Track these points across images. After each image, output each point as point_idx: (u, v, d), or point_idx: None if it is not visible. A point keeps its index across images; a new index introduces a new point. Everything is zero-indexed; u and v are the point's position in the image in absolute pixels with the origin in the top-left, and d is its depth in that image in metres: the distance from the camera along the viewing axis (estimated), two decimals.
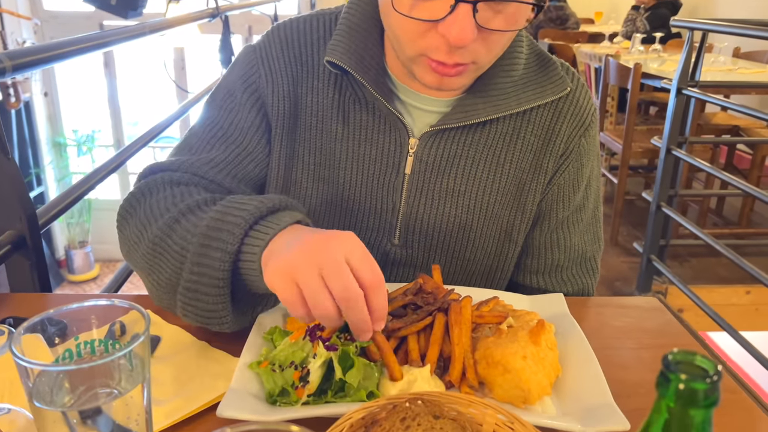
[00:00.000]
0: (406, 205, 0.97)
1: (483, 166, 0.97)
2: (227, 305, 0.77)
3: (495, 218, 0.99)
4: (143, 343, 0.53)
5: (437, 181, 0.97)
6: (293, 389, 0.72)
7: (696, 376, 0.39)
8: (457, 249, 1.00)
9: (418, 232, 0.98)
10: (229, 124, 0.96)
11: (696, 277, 3.27)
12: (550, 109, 0.97)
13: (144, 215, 0.86)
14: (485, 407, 0.63)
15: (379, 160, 0.96)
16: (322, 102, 0.96)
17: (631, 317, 0.99)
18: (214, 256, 0.75)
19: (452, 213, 0.98)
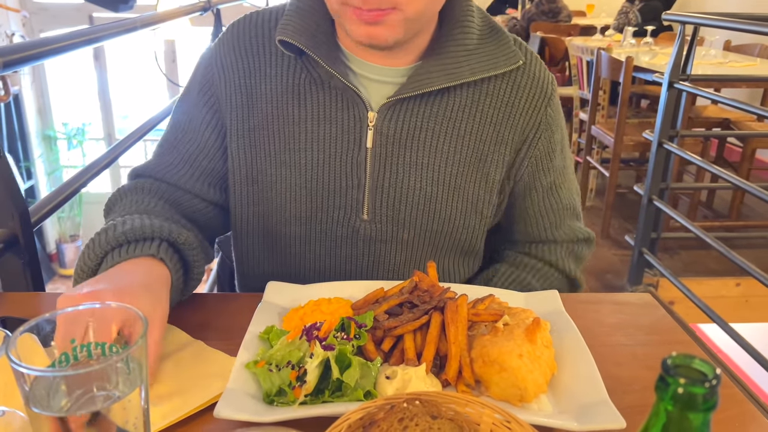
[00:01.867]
0: (371, 180, 0.98)
1: (444, 138, 0.98)
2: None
3: (459, 189, 1.00)
4: (141, 346, 0.53)
5: (399, 153, 0.97)
6: (290, 389, 0.72)
7: (695, 381, 0.40)
8: (425, 222, 1.01)
9: (385, 206, 0.99)
10: (187, 125, 1.03)
11: (687, 270, 3.29)
12: (507, 82, 0.99)
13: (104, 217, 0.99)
14: (482, 407, 0.63)
15: (340, 138, 0.97)
16: (276, 88, 0.98)
17: (625, 314, 1.00)
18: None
19: (417, 185, 0.98)
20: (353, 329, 0.78)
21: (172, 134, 1.05)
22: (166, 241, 0.88)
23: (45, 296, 1.05)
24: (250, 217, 1.04)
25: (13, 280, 1.11)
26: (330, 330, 0.77)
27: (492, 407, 0.63)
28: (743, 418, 0.76)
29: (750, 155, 3.60)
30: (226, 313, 0.95)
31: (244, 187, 1.02)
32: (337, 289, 0.95)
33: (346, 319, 0.79)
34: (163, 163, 1.03)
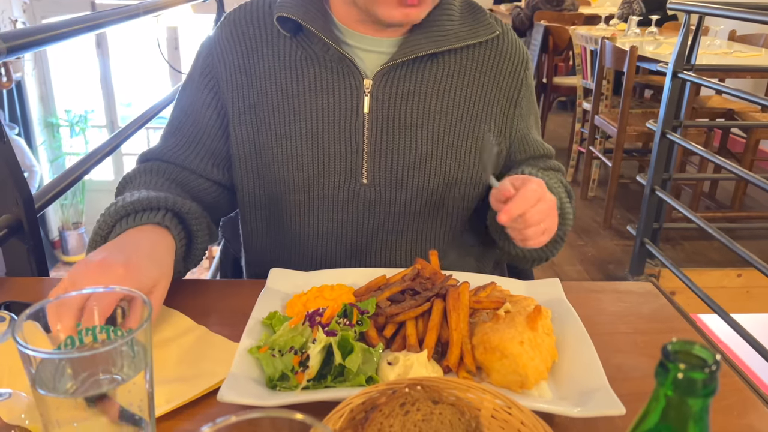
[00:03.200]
0: (369, 144, 1.03)
1: (435, 100, 1.05)
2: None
3: (452, 147, 1.06)
4: (145, 330, 0.53)
5: (395, 117, 1.03)
6: (293, 374, 0.73)
7: (695, 366, 0.40)
8: (422, 180, 1.06)
9: (383, 168, 1.05)
10: (189, 108, 1.08)
11: (688, 260, 3.29)
12: (489, 49, 1.08)
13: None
14: (483, 392, 0.64)
15: (338, 106, 1.02)
16: (274, 66, 1.04)
17: (626, 302, 1.00)
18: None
19: (412, 145, 1.04)
20: (356, 315, 0.78)
21: (177, 118, 1.10)
22: (171, 211, 0.94)
23: (49, 281, 1.05)
24: (255, 190, 1.09)
25: (18, 265, 1.12)
26: (332, 316, 0.77)
27: (493, 393, 0.64)
28: (743, 406, 0.77)
29: (754, 146, 3.59)
30: (229, 300, 0.96)
31: (248, 162, 1.07)
32: (339, 276, 0.96)
33: (348, 305, 0.79)
34: (169, 145, 1.09)
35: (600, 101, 4.00)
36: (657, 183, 2.80)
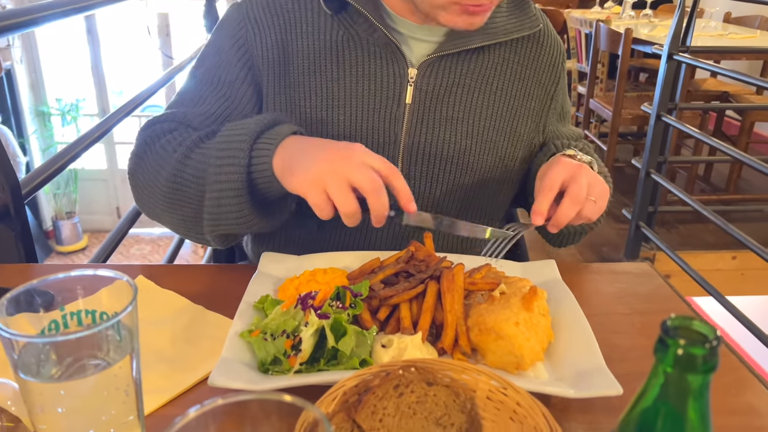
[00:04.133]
0: (408, 136, 1.00)
1: (477, 94, 1.02)
2: (251, 210, 0.86)
3: (490, 143, 1.03)
4: (131, 313, 0.52)
5: (436, 109, 1.00)
6: (285, 358, 0.71)
7: (695, 342, 0.39)
8: (457, 176, 1.03)
9: (420, 161, 1.01)
10: (218, 80, 1.00)
11: (683, 244, 3.29)
12: (532, 42, 1.06)
13: (153, 160, 0.93)
14: (478, 373, 0.63)
15: (379, 94, 0.98)
16: (313, 45, 0.98)
17: (622, 283, 1.00)
18: (229, 171, 0.84)
19: (451, 139, 1.01)
20: (349, 298, 0.77)
21: (200, 89, 1.01)
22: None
23: (37, 267, 1.04)
24: None
25: (5, 252, 1.10)
26: (325, 299, 0.76)
27: (488, 374, 0.63)
28: (740, 384, 0.76)
29: (749, 129, 3.57)
30: (222, 284, 0.95)
31: None
32: (332, 259, 0.94)
33: (341, 288, 0.78)
34: (196, 113, 0.99)
35: (595, 85, 3.98)
36: (652, 166, 2.79)
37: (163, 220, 0.96)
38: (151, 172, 0.93)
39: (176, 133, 0.95)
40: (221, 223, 0.88)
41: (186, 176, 0.89)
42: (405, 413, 0.60)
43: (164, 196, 0.91)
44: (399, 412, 0.60)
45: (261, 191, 0.87)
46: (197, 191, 0.88)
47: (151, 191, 0.93)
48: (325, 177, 0.78)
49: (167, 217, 0.94)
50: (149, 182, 0.93)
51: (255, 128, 0.85)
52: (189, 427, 0.40)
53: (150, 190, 0.93)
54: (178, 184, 0.89)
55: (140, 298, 0.88)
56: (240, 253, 1.32)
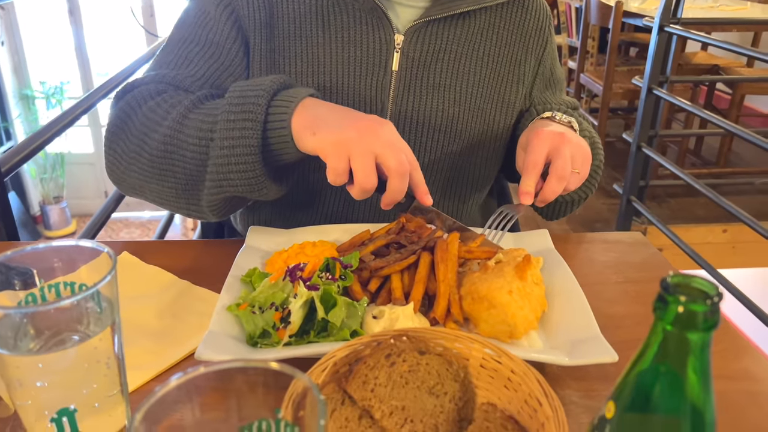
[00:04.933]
0: (395, 104, 0.98)
1: (465, 60, 1.00)
2: (263, 171, 0.81)
3: (478, 110, 1.02)
4: (110, 283, 0.50)
5: (423, 76, 0.98)
6: (274, 330, 0.70)
7: (695, 298, 0.38)
8: (445, 144, 1.01)
9: (407, 129, 0.99)
10: (205, 40, 0.95)
11: (674, 217, 3.29)
12: (518, 7, 1.03)
13: (141, 124, 0.87)
14: (471, 341, 0.61)
15: (365, 60, 0.95)
16: (299, 8, 0.95)
17: (616, 252, 0.98)
18: (244, 126, 0.79)
19: (439, 107, 0.99)
20: (338, 270, 0.75)
21: (185, 49, 0.95)
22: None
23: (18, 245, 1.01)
24: None
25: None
26: (314, 271, 0.74)
27: (482, 342, 0.61)
28: (738, 349, 0.75)
29: (739, 102, 3.56)
30: (209, 260, 0.93)
31: None
32: (322, 232, 0.93)
33: (330, 259, 0.76)
34: (182, 75, 0.93)
35: (585, 59, 3.95)
36: (643, 140, 2.78)
37: (147, 192, 0.89)
38: (137, 138, 0.87)
39: (166, 95, 0.89)
40: (226, 186, 0.82)
41: (183, 138, 0.83)
42: (397, 383, 0.58)
43: (152, 163, 0.85)
44: (391, 382, 0.58)
45: (273, 152, 0.82)
46: (197, 153, 0.82)
47: (136, 160, 0.87)
48: (352, 144, 0.75)
49: (154, 187, 0.87)
50: (133, 150, 0.87)
51: (272, 85, 0.81)
52: (170, 396, 0.38)
53: (134, 158, 0.87)
54: (173, 146, 0.83)
55: (125, 274, 0.87)
56: (229, 231, 1.30)
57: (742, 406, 0.67)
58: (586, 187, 1.04)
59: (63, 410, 0.49)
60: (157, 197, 0.89)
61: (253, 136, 0.79)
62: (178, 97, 0.88)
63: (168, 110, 0.86)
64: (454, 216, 1.08)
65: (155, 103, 0.88)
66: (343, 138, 0.76)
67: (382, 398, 0.57)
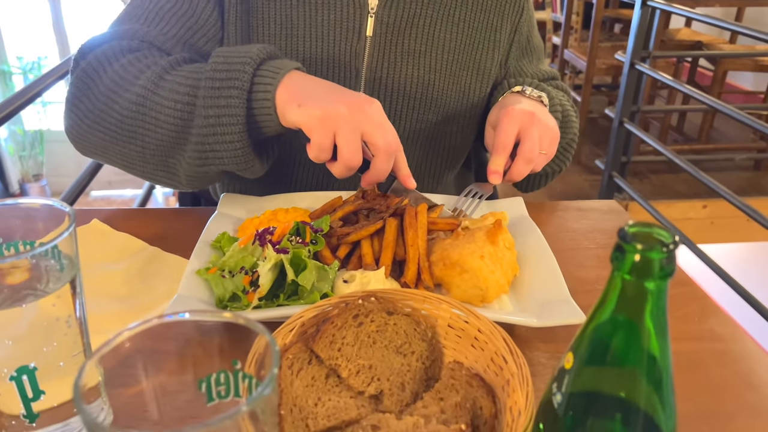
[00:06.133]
0: (369, 71, 0.96)
1: (440, 25, 0.98)
2: (248, 142, 0.78)
3: (454, 77, 1.00)
4: (69, 240, 0.49)
5: (398, 42, 0.96)
6: (244, 294, 0.69)
7: (652, 246, 0.37)
8: (421, 112, 1.00)
9: (382, 97, 0.98)
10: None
11: (655, 193, 3.32)
12: None
13: (111, 81, 0.82)
14: (440, 302, 0.61)
15: (338, 24, 0.93)
16: None
17: (590, 219, 0.99)
18: (229, 95, 0.76)
19: (414, 74, 0.98)
20: (309, 234, 0.75)
21: (157, 3, 0.91)
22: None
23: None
24: None
25: None
26: (284, 234, 0.74)
27: (450, 302, 0.61)
28: (703, 312, 0.76)
29: (721, 78, 3.58)
30: (180, 228, 0.92)
31: None
32: (294, 199, 0.92)
33: (300, 223, 0.75)
34: (155, 33, 0.89)
35: (569, 35, 3.94)
36: (625, 115, 2.79)
37: (111, 154, 0.84)
38: (105, 96, 0.82)
39: (140, 53, 0.85)
40: (212, 158, 0.79)
41: (157, 100, 0.79)
42: (364, 342, 0.58)
43: (121, 124, 0.81)
44: (358, 342, 0.58)
45: (255, 125, 0.79)
46: (172, 117, 0.78)
47: (102, 119, 0.82)
48: (339, 120, 0.74)
49: (119, 149, 0.83)
50: (100, 108, 0.82)
51: (258, 54, 0.78)
52: (125, 345, 0.38)
53: (100, 117, 0.82)
54: (146, 108, 0.79)
55: (94, 241, 0.86)
56: (206, 202, 1.29)
57: (708, 364, 0.68)
58: (560, 160, 1.04)
59: (22, 368, 0.48)
60: (120, 160, 0.85)
61: (238, 105, 0.76)
62: (154, 57, 0.84)
63: (142, 69, 0.82)
64: (429, 189, 1.07)
65: (128, 61, 0.84)
66: (331, 113, 0.73)
67: (349, 357, 0.57)
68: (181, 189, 0.88)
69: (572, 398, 0.43)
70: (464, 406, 0.53)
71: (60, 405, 0.51)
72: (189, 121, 0.78)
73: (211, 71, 0.77)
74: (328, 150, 0.75)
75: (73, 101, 0.85)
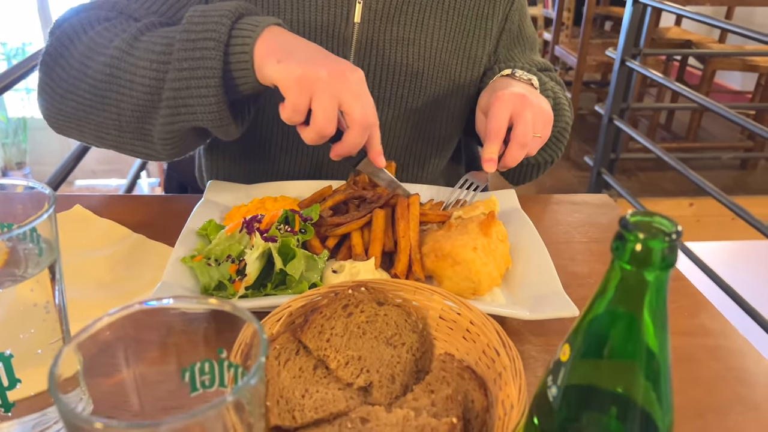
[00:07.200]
0: (357, 58, 0.94)
1: (429, 13, 0.96)
2: (224, 98, 0.74)
3: (443, 66, 0.98)
4: (47, 222, 0.47)
5: (386, 29, 0.94)
6: (230, 283, 0.68)
7: (654, 235, 0.36)
8: (409, 100, 0.98)
9: (370, 84, 0.94)
10: None
11: (643, 191, 3.33)
12: None
13: (85, 47, 0.79)
14: (431, 293, 0.60)
15: (326, 11, 0.91)
16: None
17: (583, 213, 0.98)
18: (205, 47, 0.72)
19: (403, 61, 0.95)
20: (298, 222, 0.73)
21: None
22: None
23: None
24: None
25: None
26: (272, 222, 0.72)
27: (442, 293, 0.60)
28: (695, 307, 0.76)
29: (710, 77, 3.59)
30: (166, 215, 0.90)
31: None
32: (283, 188, 0.90)
33: (289, 211, 0.74)
34: (135, 7, 0.86)
35: (560, 31, 3.94)
36: (615, 112, 2.79)
37: (85, 126, 0.81)
38: (78, 63, 0.79)
39: (116, 21, 0.82)
40: (185, 113, 0.75)
41: (132, 60, 0.75)
42: (354, 333, 0.57)
43: (95, 90, 0.77)
44: (347, 332, 0.57)
45: (231, 81, 0.75)
46: (147, 78, 0.75)
47: (75, 87, 0.79)
48: (318, 84, 0.70)
49: (93, 119, 0.79)
50: (73, 75, 0.79)
51: (236, 8, 0.74)
52: (106, 331, 0.36)
53: (73, 85, 0.79)
54: (120, 70, 0.76)
55: (78, 228, 0.84)
56: (192, 190, 1.26)
57: (701, 359, 0.67)
58: (552, 150, 1.02)
59: None
60: (95, 131, 0.81)
61: (214, 57, 0.72)
62: (129, 23, 0.81)
63: (117, 33, 0.78)
64: (415, 178, 1.05)
65: (103, 28, 0.80)
66: (311, 74, 0.70)
67: (338, 348, 0.56)
68: (158, 158, 0.83)
69: (568, 391, 0.41)
70: (455, 398, 0.51)
71: (37, 394, 0.49)
72: (164, 81, 0.74)
73: (186, 24, 0.74)
74: (302, 113, 0.72)
75: (45, 71, 0.82)
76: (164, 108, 0.75)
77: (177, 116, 0.75)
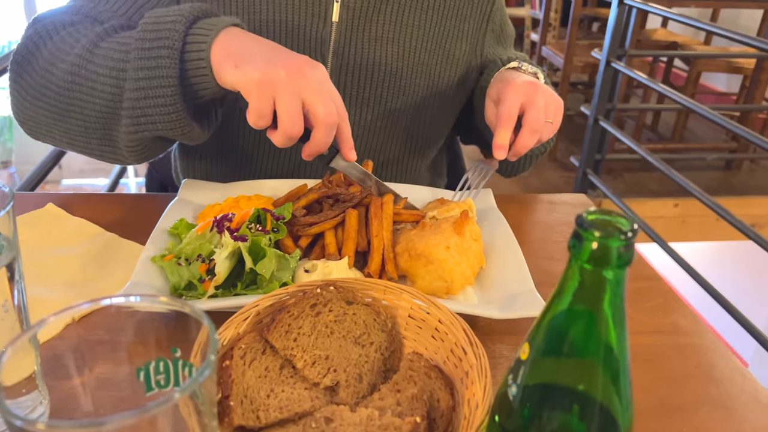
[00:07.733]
0: (335, 58, 0.93)
1: (408, 12, 0.95)
2: (183, 105, 0.73)
3: (422, 66, 0.98)
4: (6, 218, 0.46)
5: (365, 28, 0.93)
6: (200, 283, 0.67)
7: (611, 233, 0.36)
8: (389, 100, 0.97)
9: (349, 84, 0.95)
10: None
11: (628, 191, 3.34)
12: None
13: (49, 54, 0.79)
14: (401, 292, 0.60)
15: (303, 10, 0.90)
16: None
17: (560, 212, 0.98)
18: (159, 55, 0.71)
19: (382, 61, 0.95)
20: (270, 221, 0.72)
21: None
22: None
23: None
24: None
25: None
26: (243, 221, 0.71)
27: (411, 292, 0.60)
28: (668, 306, 0.76)
29: (695, 79, 3.61)
30: (139, 214, 0.89)
31: None
32: (258, 186, 0.90)
33: (261, 210, 0.73)
34: (103, 11, 0.85)
35: (547, 32, 3.95)
36: (601, 113, 2.80)
37: (56, 132, 0.81)
38: (43, 69, 0.79)
39: (80, 26, 0.81)
40: (144, 123, 0.74)
41: (92, 68, 0.75)
42: (322, 332, 0.57)
43: (59, 97, 0.77)
44: (315, 332, 0.56)
45: (191, 86, 0.75)
46: (108, 86, 0.74)
47: (42, 94, 0.79)
48: (279, 84, 0.69)
49: (61, 125, 0.79)
50: (39, 83, 0.79)
51: (191, 11, 0.73)
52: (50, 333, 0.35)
53: (40, 92, 0.79)
54: (81, 77, 0.76)
55: (49, 225, 0.83)
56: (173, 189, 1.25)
57: (670, 357, 0.67)
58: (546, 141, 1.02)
59: None
60: (65, 137, 0.81)
61: (169, 66, 0.71)
62: (91, 27, 0.80)
63: (78, 39, 0.78)
64: (397, 178, 1.05)
65: (67, 33, 0.80)
66: (269, 76, 0.68)
67: (305, 348, 0.56)
68: (127, 163, 0.83)
69: (527, 390, 0.41)
70: (421, 398, 0.51)
71: None
72: (123, 90, 0.74)
73: (140, 32, 0.73)
74: (267, 116, 0.70)
75: (14, 77, 0.82)
76: (125, 117, 0.74)
77: (138, 125, 0.75)
